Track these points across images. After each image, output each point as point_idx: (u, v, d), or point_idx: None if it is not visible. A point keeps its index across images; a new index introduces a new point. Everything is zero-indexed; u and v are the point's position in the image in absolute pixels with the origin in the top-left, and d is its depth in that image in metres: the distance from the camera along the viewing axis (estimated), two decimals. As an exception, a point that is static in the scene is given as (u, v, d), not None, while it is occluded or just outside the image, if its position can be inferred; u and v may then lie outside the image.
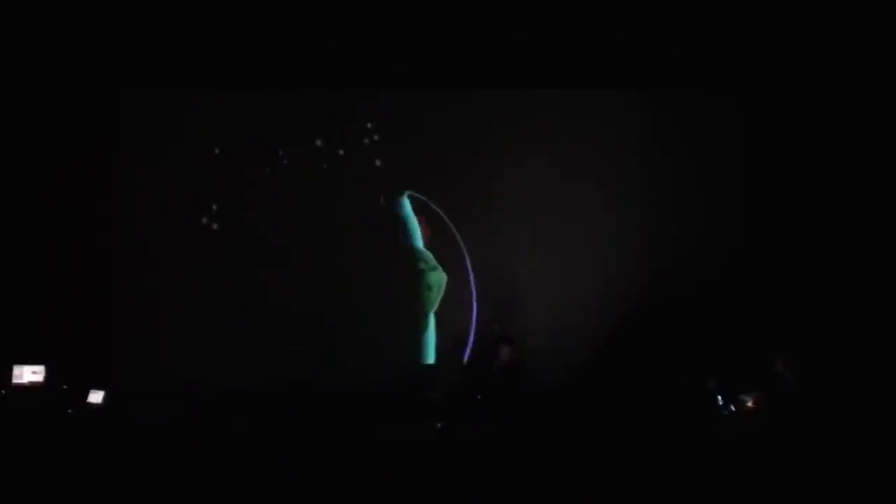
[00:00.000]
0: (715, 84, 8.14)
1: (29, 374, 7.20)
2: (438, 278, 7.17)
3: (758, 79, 8.04)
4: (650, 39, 7.70)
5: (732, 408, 6.53)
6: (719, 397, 6.62)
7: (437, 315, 8.14)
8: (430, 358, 7.43)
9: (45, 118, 8.09)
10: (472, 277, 7.73)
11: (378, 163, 8.35)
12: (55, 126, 8.09)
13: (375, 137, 8.36)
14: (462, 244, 8.06)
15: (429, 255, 7.37)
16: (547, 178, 8.32)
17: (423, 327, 7.36)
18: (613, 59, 7.86)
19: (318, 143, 8.34)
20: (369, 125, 8.35)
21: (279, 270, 8.21)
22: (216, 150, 8.28)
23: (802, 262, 7.91)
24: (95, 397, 6.84)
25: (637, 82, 8.21)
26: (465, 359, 7.85)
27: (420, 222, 6.54)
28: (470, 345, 7.95)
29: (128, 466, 5.73)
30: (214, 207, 8.30)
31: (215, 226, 8.29)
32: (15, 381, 7.15)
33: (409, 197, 7.44)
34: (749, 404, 6.55)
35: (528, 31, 7.66)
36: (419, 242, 7.20)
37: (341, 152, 8.34)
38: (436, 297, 7.14)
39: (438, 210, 8.15)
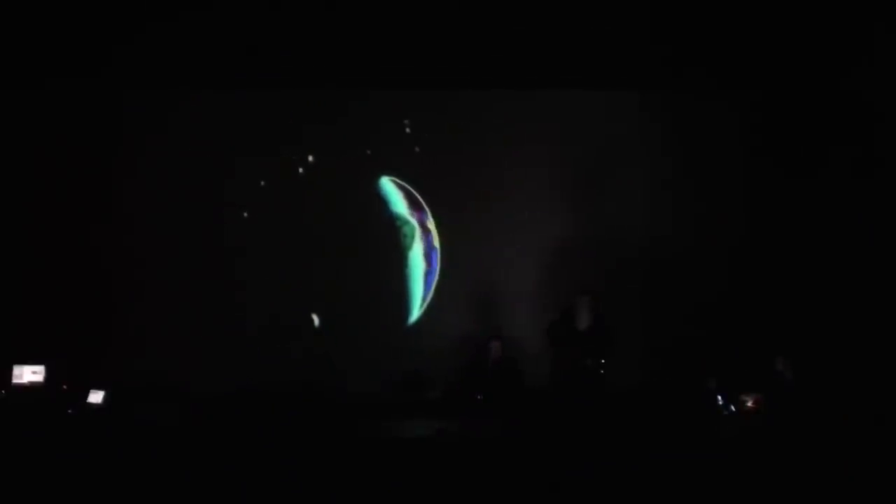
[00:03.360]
0: (715, 85, 8.14)
1: (29, 374, 7.20)
2: (411, 228, 8.48)
3: (757, 80, 8.05)
4: (651, 41, 7.69)
5: (732, 408, 6.53)
6: (719, 397, 6.62)
7: (430, 318, 8.28)
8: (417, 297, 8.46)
9: (44, 118, 8.10)
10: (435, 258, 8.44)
11: (376, 162, 8.37)
12: (55, 126, 8.09)
13: (374, 137, 8.36)
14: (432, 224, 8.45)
15: (402, 214, 8.48)
16: (546, 178, 8.33)
17: (404, 264, 8.47)
18: (613, 60, 7.85)
19: (318, 143, 8.35)
20: (369, 124, 8.36)
21: (280, 270, 8.21)
22: (216, 151, 8.27)
23: (802, 262, 7.92)
24: (95, 397, 6.84)
25: (637, 83, 8.21)
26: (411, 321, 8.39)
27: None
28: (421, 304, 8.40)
29: (128, 466, 5.73)
30: (215, 208, 8.29)
31: (216, 227, 8.28)
32: (15, 381, 7.15)
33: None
34: (749, 404, 6.55)
35: (528, 31, 7.66)
36: (397, 208, 8.49)
37: (341, 152, 8.35)
38: (411, 242, 8.45)
39: (419, 196, 8.41)
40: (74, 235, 8.07)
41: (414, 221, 8.43)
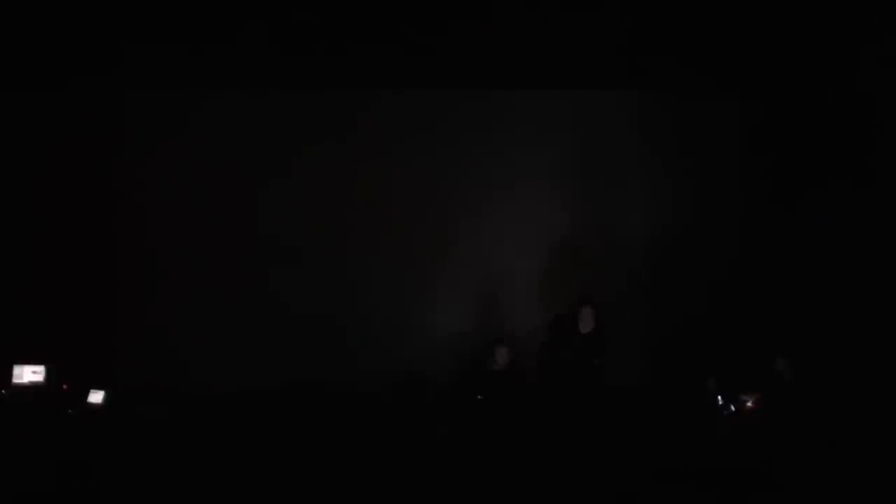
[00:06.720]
0: (715, 85, 8.15)
1: (29, 374, 7.20)
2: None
3: (756, 80, 8.05)
4: (651, 41, 7.69)
5: (732, 408, 6.54)
6: (719, 397, 6.63)
7: (431, 317, 8.25)
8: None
9: (45, 118, 8.10)
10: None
11: (379, 162, 8.36)
12: (55, 126, 8.09)
13: (377, 137, 8.37)
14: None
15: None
16: (546, 178, 8.33)
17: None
18: (613, 60, 7.85)
19: (324, 143, 8.33)
20: (371, 124, 8.36)
21: (282, 270, 8.20)
22: (218, 150, 8.27)
23: (802, 262, 7.92)
24: (95, 397, 6.85)
25: (637, 83, 8.21)
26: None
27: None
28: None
29: (127, 466, 5.74)
30: (217, 207, 8.28)
31: (217, 225, 8.27)
32: (15, 381, 7.16)
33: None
34: (749, 404, 6.56)
35: (528, 32, 7.65)
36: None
37: (344, 153, 8.34)
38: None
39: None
40: (74, 236, 8.06)
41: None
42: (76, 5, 7.35)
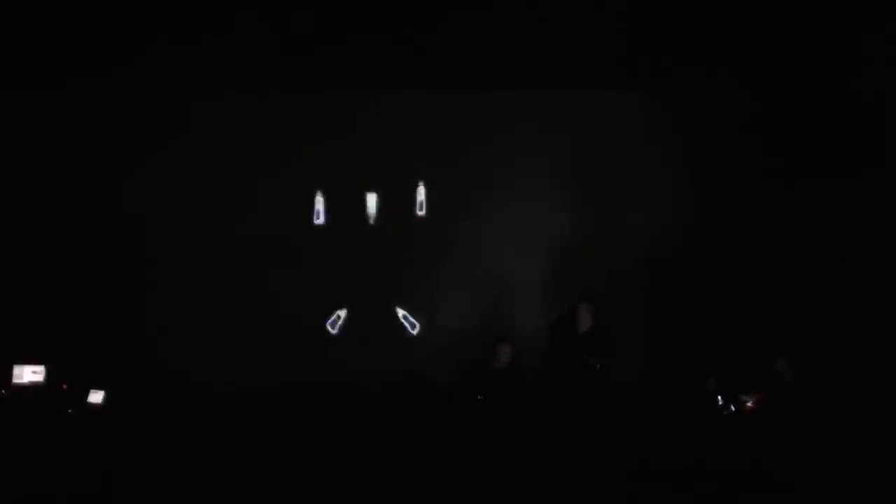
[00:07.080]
0: (715, 85, 8.15)
1: (29, 374, 7.21)
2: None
3: (756, 80, 8.05)
4: (651, 41, 7.70)
5: (732, 408, 6.54)
6: (719, 397, 6.63)
7: (432, 317, 8.27)
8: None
9: (45, 118, 8.09)
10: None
11: (381, 163, 8.36)
12: (55, 126, 8.08)
13: (378, 138, 8.36)
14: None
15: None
16: (546, 178, 8.33)
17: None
18: (614, 60, 7.85)
19: (325, 143, 8.32)
20: (371, 124, 8.36)
21: (282, 270, 8.21)
22: (219, 150, 8.27)
23: (802, 262, 7.92)
24: (95, 397, 6.85)
25: (637, 83, 8.21)
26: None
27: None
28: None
29: (127, 466, 5.74)
30: (217, 207, 8.28)
31: (217, 225, 8.27)
32: (15, 381, 7.16)
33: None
34: (749, 404, 6.57)
35: (528, 32, 7.66)
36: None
37: (347, 153, 8.33)
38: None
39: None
40: (74, 236, 8.05)
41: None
42: (76, 5, 7.37)
